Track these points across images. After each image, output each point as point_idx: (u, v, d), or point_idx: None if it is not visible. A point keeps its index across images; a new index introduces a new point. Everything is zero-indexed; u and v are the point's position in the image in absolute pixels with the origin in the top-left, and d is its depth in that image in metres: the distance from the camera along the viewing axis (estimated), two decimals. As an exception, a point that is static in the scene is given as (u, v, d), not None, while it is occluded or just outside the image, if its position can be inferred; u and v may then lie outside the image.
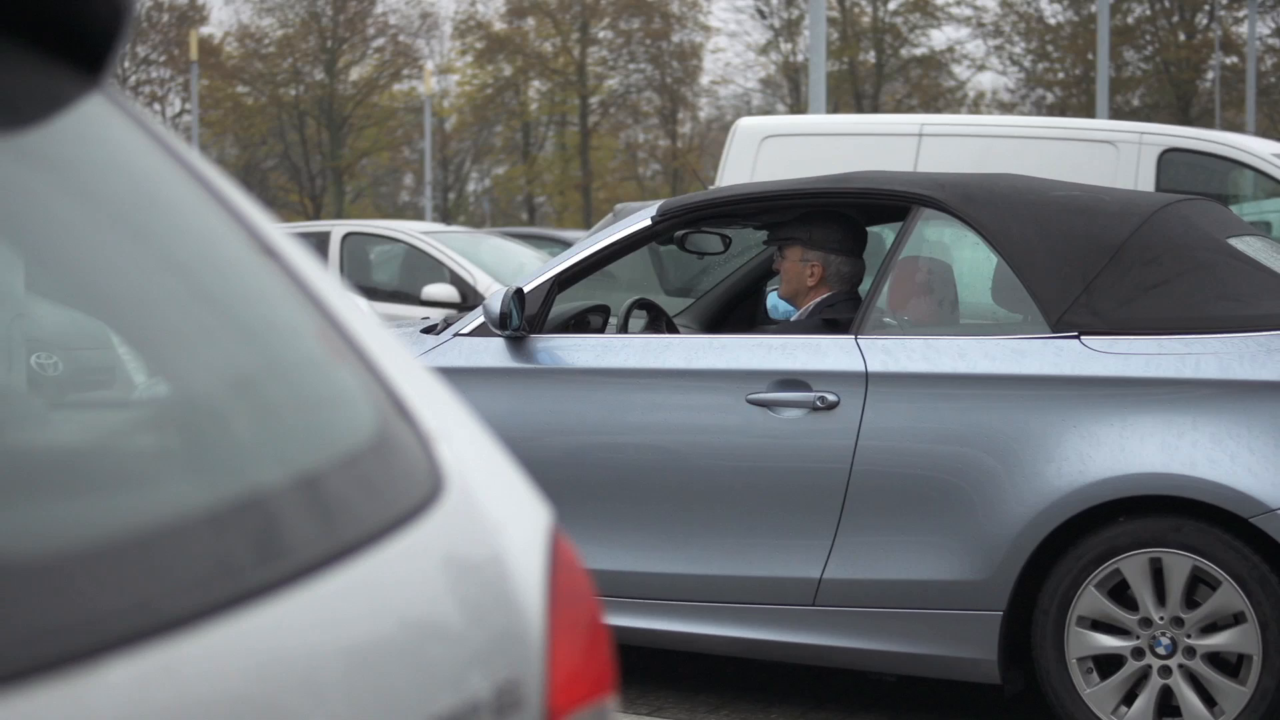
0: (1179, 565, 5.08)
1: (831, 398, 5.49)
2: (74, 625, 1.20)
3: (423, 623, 1.53)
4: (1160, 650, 5.13)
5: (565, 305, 6.30)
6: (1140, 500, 5.13)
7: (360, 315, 1.75)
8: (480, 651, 1.57)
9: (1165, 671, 5.12)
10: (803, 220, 6.18)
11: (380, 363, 1.70)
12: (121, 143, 1.69)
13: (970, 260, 6.75)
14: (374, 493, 1.57)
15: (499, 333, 5.86)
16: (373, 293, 14.58)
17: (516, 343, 5.91)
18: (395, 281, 15.30)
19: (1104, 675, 5.21)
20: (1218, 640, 5.08)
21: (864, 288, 6.25)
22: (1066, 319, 5.29)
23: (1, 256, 6.73)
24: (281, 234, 1.76)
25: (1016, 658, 5.37)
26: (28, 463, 1.51)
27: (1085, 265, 5.35)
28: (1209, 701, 5.09)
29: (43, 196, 1.60)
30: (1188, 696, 5.09)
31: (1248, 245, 5.63)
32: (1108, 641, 5.19)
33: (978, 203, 5.60)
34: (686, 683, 6.12)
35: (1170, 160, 9.48)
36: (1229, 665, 5.10)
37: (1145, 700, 5.14)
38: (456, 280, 14.22)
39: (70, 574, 1.24)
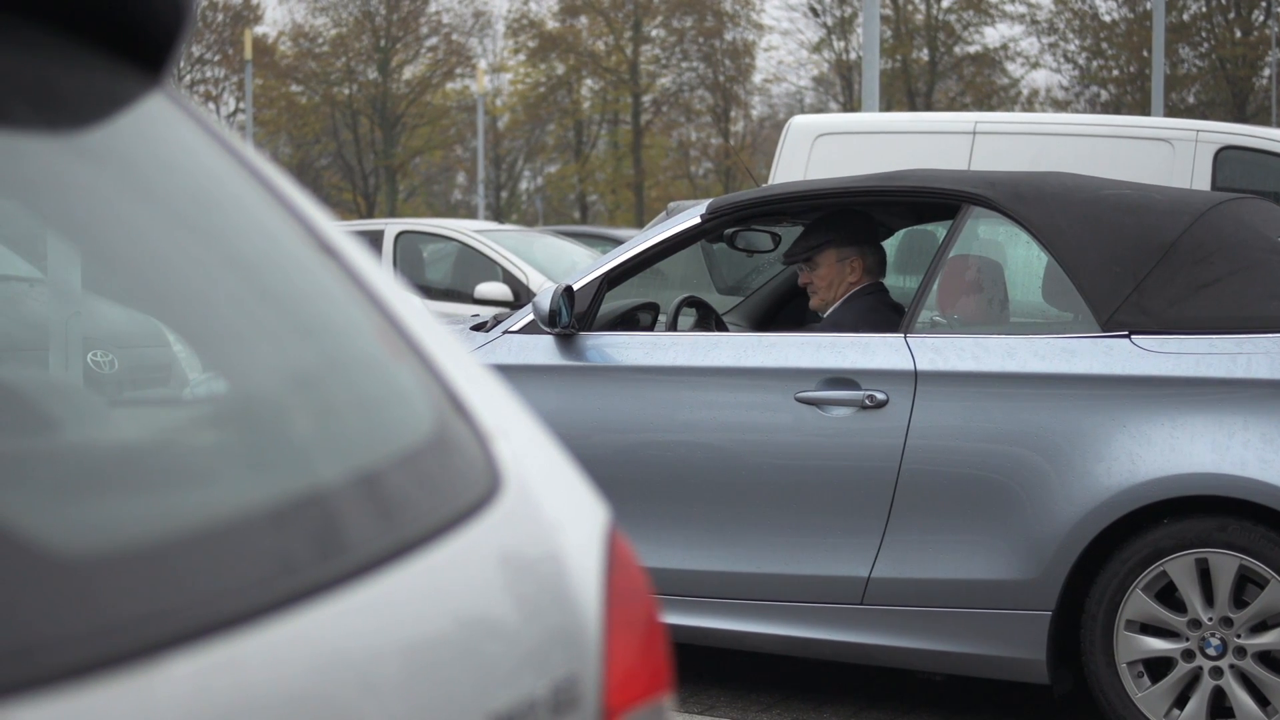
0: (1226, 565, 5.05)
1: (880, 396, 5.48)
2: (137, 621, 1.21)
3: (480, 620, 1.54)
4: (1210, 651, 5.09)
5: (614, 303, 6.30)
6: (1184, 501, 5.10)
7: (418, 313, 1.76)
8: (537, 649, 1.58)
9: (1216, 672, 5.09)
10: (822, 225, 6.20)
11: (438, 361, 1.71)
12: (181, 141, 1.70)
13: (1021, 259, 6.73)
14: (432, 490, 1.57)
15: (548, 330, 5.87)
16: (426, 291, 14.61)
17: (565, 340, 5.92)
18: (448, 280, 15.33)
19: (1155, 678, 5.18)
20: (1268, 639, 5.05)
21: (913, 286, 6.24)
22: (1117, 318, 5.27)
23: (59, 255, 6.79)
24: (340, 232, 1.76)
25: (1065, 658, 5.35)
26: (89, 459, 1.52)
27: (1136, 264, 5.33)
28: (1262, 701, 5.06)
29: (103, 195, 1.61)
30: (1240, 697, 5.06)
31: (1301, 245, 5.60)
32: (1157, 644, 5.16)
33: (1028, 201, 5.58)
34: (738, 682, 6.11)
35: (1226, 158, 9.41)
36: (1280, 664, 5.07)
37: (1197, 702, 5.11)
38: (509, 279, 14.24)
39: (133, 570, 1.25)
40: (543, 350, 5.96)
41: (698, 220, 6.02)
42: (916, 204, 6.22)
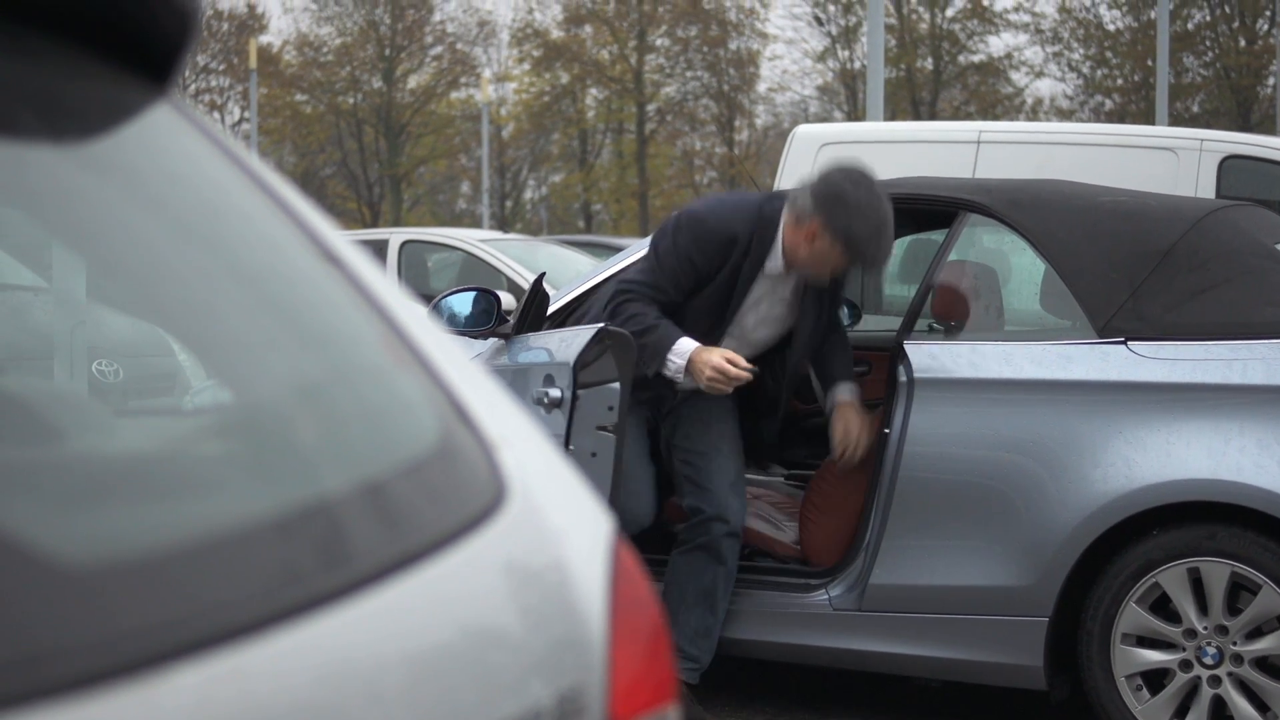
0: (1218, 573, 5.05)
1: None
2: (142, 631, 1.21)
3: (485, 630, 1.54)
4: (1207, 660, 5.09)
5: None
6: (1177, 508, 5.11)
7: (422, 322, 1.76)
8: (542, 659, 1.58)
9: (1215, 681, 5.09)
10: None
11: (443, 370, 1.71)
12: (186, 151, 1.70)
13: (1018, 266, 6.74)
14: (437, 500, 1.57)
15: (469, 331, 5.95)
16: (430, 300, 14.60)
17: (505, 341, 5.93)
18: (452, 288, 15.33)
19: (1153, 690, 5.18)
20: (1264, 645, 5.05)
21: (908, 292, 6.23)
22: (1113, 324, 5.27)
23: (64, 265, 6.79)
24: (344, 241, 1.76)
25: (1063, 664, 5.35)
26: (94, 469, 1.52)
27: (1132, 270, 5.33)
28: (1262, 707, 5.06)
29: (108, 205, 1.62)
30: (1239, 704, 5.06)
31: (1296, 251, 5.61)
32: (1154, 656, 5.16)
33: (1024, 208, 5.59)
34: (739, 690, 6.11)
35: (1231, 167, 9.40)
36: (1278, 670, 5.07)
37: (1198, 713, 5.11)
38: (513, 288, 14.25)
39: (138, 580, 1.25)
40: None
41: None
42: (914, 211, 6.22)
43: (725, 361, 5.35)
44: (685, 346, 5.38)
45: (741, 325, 5.59)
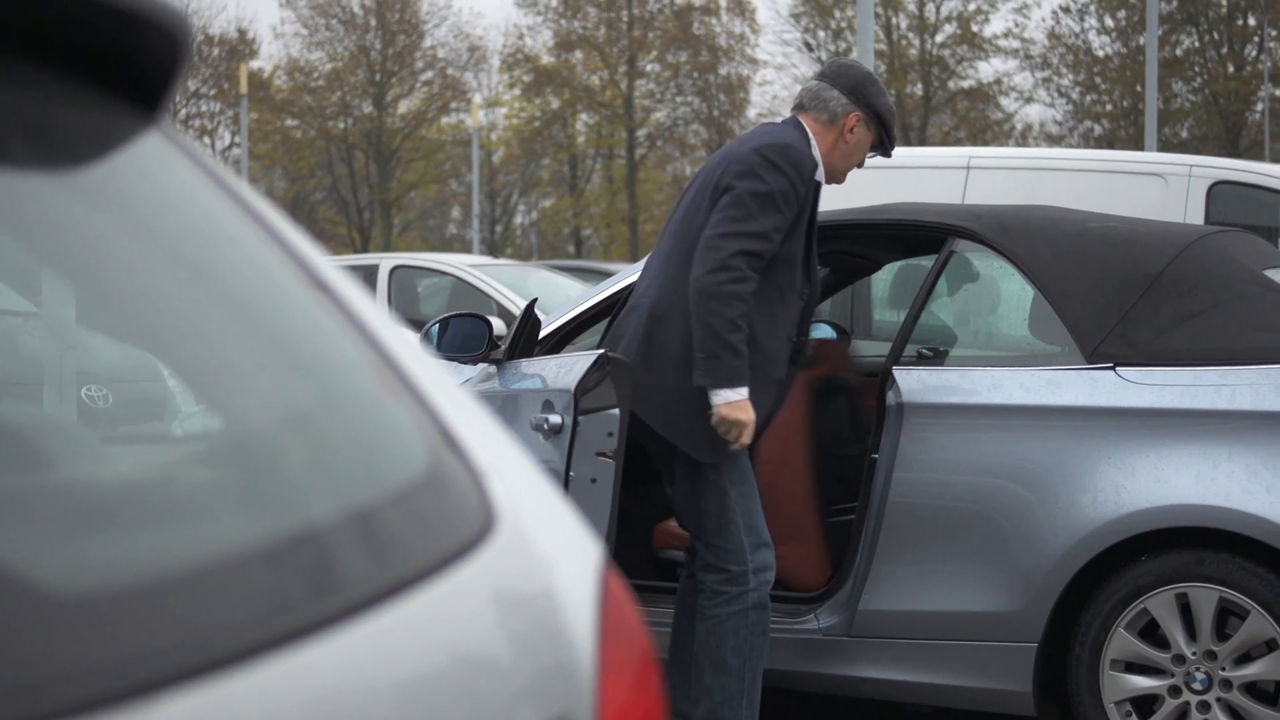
0: (1206, 598, 5.06)
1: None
2: (128, 661, 1.21)
3: (474, 658, 1.54)
4: (1196, 686, 5.10)
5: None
6: (1166, 533, 5.12)
7: (411, 350, 1.76)
8: (531, 686, 1.58)
9: (1204, 707, 5.10)
10: None
11: (432, 398, 1.71)
12: (176, 178, 1.70)
13: (1007, 292, 6.75)
14: (427, 528, 1.57)
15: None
16: (420, 326, 14.61)
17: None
18: (443, 314, 15.33)
19: (1143, 716, 5.18)
20: (1253, 670, 5.06)
21: (898, 318, 6.23)
22: (1102, 350, 5.28)
23: (54, 291, 6.78)
24: (333, 268, 1.77)
25: (1052, 690, 5.35)
26: (80, 497, 1.52)
27: (1121, 296, 5.35)
28: (1251, 732, 5.07)
29: (98, 232, 1.62)
30: (1228, 730, 5.07)
31: (1284, 276, 5.63)
32: (1143, 682, 5.16)
33: (1013, 233, 5.60)
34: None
35: (1220, 193, 9.42)
36: (1266, 695, 5.08)
37: (1187, 739, 5.12)
38: (504, 313, 14.26)
39: (124, 609, 1.25)
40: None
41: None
42: (904, 237, 6.24)
43: (748, 432, 5.00)
44: (744, 393, 4.94)
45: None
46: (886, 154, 5.55)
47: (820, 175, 5.28)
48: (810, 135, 5.28)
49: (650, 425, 5.09)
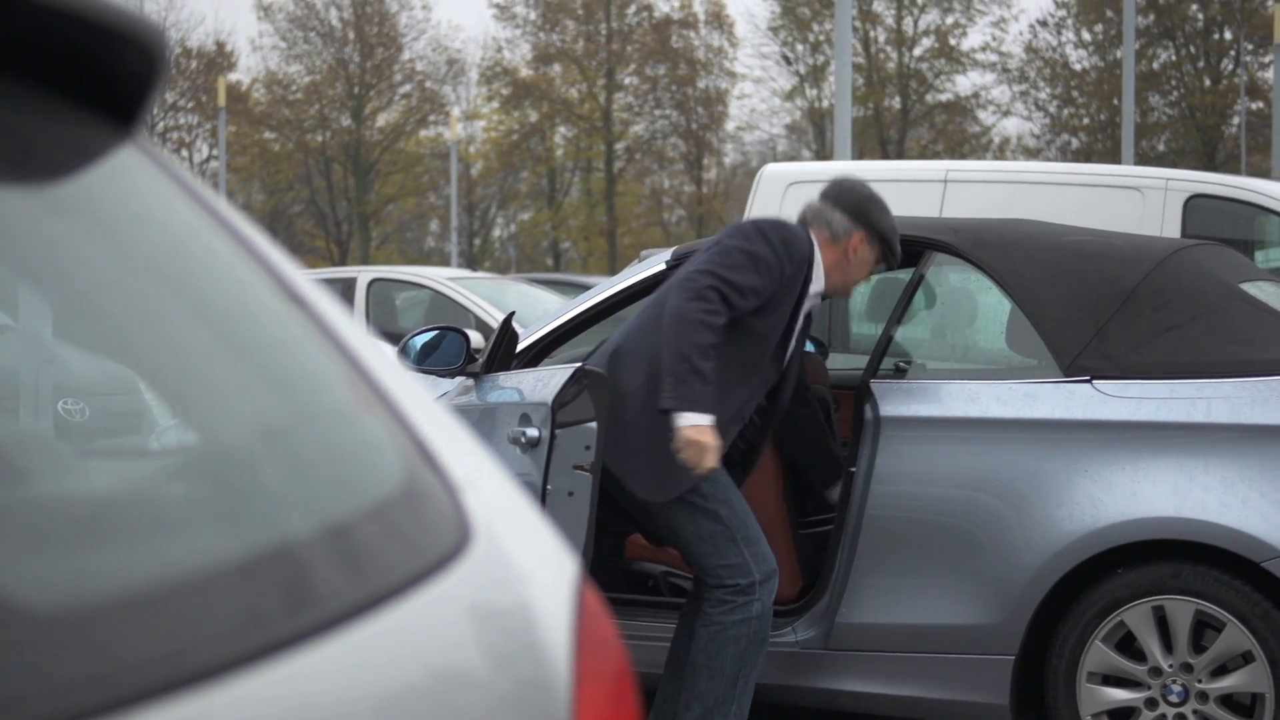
0: (1182, 611, 5.08)
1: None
2: (103, 676, 1.20)
3: (450, 672, 1.54)
4: (1173, 698, 5.11)
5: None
6: (1142, 546, 5.13)
7: (387, 364, 1.76)
8: (507, 700, 1.58)
9: (1180, 719, 5.11)
10: None
11: (407, 412, 1.71)
12: (152, 193, 1.70)
13: (984, 305, 6.76)
14: (402, 542, 1.57)
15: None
16: (398, 339, 14.59)
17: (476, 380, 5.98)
18: (421, 327, 15.32)
19: (1119, 730, 5.20)
20: (1229, 682, 5.07)
21: (875, 331, 6.24)
22: (1079, 363, 5.30)
23: (31, 305, 6.76)
24: (309, 282, 1.77)
25: (1029, 702, 5.36)
26: (56, 512, 1.52)
27: (1097, 310, 5.36)
28: (1228, 745, 5.08)
29: (74, 246, 1.61)
30: (1205, 742, 5.09)
31: (1260, 290, 5.66)
32: (1120, 695, 5.18)
33: (990, 247, 5.62)
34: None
35: (1196, 206, 9.45)
36: (1243, 707, 5.09)
37: (1165, 751, 5.13)
38: (481, 326, 14.25)
39: (99, 624, 1.25)
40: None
41: (663, 266, 6.03)
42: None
43: (711, 456, 4.95)
44: (709, 419, 4.90)
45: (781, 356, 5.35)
46: (890, 268, 5.68)
47: (819, 285, 5.34)
48: (815, 245, 5.34)
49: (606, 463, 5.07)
